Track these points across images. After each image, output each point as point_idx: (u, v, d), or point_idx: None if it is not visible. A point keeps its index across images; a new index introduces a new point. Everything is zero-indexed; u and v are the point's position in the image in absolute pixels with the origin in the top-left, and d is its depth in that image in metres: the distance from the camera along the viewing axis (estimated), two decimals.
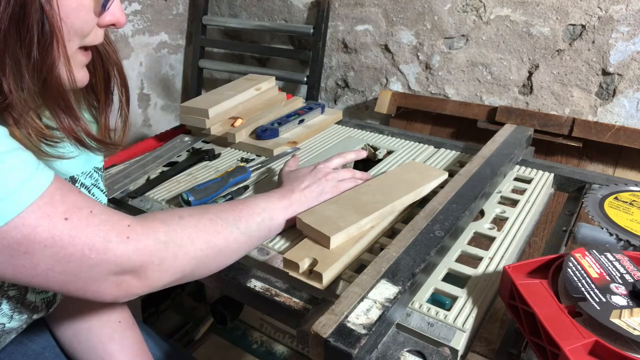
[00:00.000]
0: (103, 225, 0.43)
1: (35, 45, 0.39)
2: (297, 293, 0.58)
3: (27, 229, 0.38)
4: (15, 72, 0.39)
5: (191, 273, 0.51)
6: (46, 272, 0.41)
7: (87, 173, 0.57)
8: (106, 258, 0.42)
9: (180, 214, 0.51)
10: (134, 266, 0.45)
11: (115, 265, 0.43)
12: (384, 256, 0.56)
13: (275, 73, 1.48)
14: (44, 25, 0.39)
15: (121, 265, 0.44)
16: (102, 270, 0.43)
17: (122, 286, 0.45)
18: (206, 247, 0.51)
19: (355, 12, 1.43)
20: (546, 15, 1.15)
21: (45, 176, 0.41)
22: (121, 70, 0.55)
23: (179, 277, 0.50)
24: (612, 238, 0.63)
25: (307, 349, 0.47)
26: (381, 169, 0.87)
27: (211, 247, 0.52)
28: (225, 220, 0.54)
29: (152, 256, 0.46)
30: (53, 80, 0.42)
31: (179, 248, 0.48)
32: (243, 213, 0.57)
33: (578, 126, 1.12)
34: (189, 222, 0.51)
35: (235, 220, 0.55)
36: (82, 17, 0.42)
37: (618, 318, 0.44)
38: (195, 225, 0.51)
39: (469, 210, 0.66)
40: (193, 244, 0.50)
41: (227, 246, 0.54)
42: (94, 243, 0.42)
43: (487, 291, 0.57)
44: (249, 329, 1.29)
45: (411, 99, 1.37)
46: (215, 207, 0.56)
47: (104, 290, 0.45)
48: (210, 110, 0.98)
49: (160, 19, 1.69)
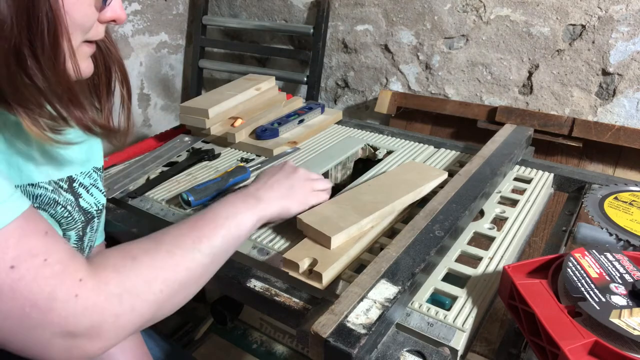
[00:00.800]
0: (53, 279, 0.38)
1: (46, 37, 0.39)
2: (297, 293, 0.58)
3: None
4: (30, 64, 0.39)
5: (153, 317, 0.46)
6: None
7: (86, 173, 0.57)
8: (50, 319, 0.37)
9: (133, 254, 0.45)
10: (84, 328, 0.39)
11: (61, 327, 0.38)
12: (383, 256, 0.56)
13: (275, 73, 1.48)
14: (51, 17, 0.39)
15: (68, 328, 0.38)
16: (46, 333, 0.38)
17: (74, 351, 0.40)
18: (166, 287, 0.45)
19: (355, 12, 1.43)
20: (546, 15, 1.15)
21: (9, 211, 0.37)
22: (122, 67, 0.55)
23: (140, 326, 0.45)
24: (612, 238, 0.63)
25: (307, 349, 0.47)
26: (381, 169, 0.87)
27: (172, 285, 0.46)
28: (184, 248, 0.48)
29: (105, 314, 0.40)
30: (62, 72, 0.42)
31: (134, 298, 0.42)
32: (204, 231, 0.51)
33: (578, 126, 1.12)
34: (143, 261, 0.45)
35: (195, 243, 0.49)
36: (83, 11, 0.43)
37: (618, 318, 0.44)
38: (151, 264, 0.45)
39: (468, 210, 0.66)
40: (150, 287, 0.44)
41: (189, 276, 0.48)
42: (36, 300, 0.37)
43: (487, 291, 0.57)
44: (249, 329, 1.29)
45: (411, 99, 1.37)
46: (171, 232, 0.50)
47: (52, 353, 0.39)
48: (210, 110, 0.98)
49: (160, 19, 1.69)
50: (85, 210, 0.55)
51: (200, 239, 0.50)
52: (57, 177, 0.52)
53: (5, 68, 0.38)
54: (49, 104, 0.42)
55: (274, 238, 0.67)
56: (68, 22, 0.41)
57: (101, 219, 0.61)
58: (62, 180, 0.53)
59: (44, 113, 0.42)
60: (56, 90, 0.42)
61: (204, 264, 0.49)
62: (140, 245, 0.47)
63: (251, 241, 0.67)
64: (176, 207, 0.76)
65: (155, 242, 0.48)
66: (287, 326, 1.17)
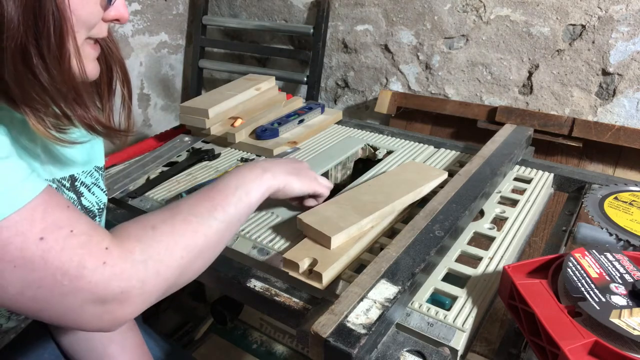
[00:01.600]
0: (80, 248, 0.40)
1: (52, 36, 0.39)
2: (297, 293, 0.58)
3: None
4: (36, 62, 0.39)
5: (176, 283, 0.48)
6: (17, 296, 0.38)
7: (88, 172, 0.57)
8: (81, 286, 0.40)
9: (152, 224, 0.47)
10: (114, 293, 0.41)
11: (92, 293, 0.40)
12: (383, 256, 0.56)
13: (275, 73, 1.48)
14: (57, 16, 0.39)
15: (99, 294, 0.41)
16: (78, 299, 0.40)
17: (105, 316, 0.42)
18: (187, 253, 0.48)
19: (355, 12, 1.43)
20: (546, 15, 1.15)
21: (32, 187, 0.39)
22: (123, 66, 0.55)
23: (165, 291, 0.47)
24: (612, 238, 0.63)
25: (307, 349, 0.47)
26: (381, 169, 0.87)
27: (192, 250, 0.49)
28: (200, 216, 0.50)
29: (132, 280, 0.43)
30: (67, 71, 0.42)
31: (159, 263, 0.45)
32: (216, 200, 0.53)
33: (578, 126, 1.12)
34: (163, 230, 0.47)
35: (211, 211, 0.52)
36: (89, 9, 0.43)
37: (618, 318, 0.44)
38: (171, 232, 0.48)
39: (468, 210, 0.66)
40: (172, 253, 0.47)
41: (208, 242, 0.50)
42: (67, 268, 0.39)
43: (487, 291, 0.57)
44: (249, 329, 1.28)
45: (411, 99, 1.37)
46: (186, 202, 0.52)
47: (85, 320, 0.42)
48: (210, 110, 0.98)
49: (160, 19, 1.69)
50: (87, 209, 0.55)
51: (214, 207, 0.52)
52: (60, 176, 0.52)
53: (12, 67, 0.38)
54: (53, 102, 0.42)
55: (274, 238, 0.67)
56: (74, 20, 0.41)
57: (102, 218, 0.61)
58: (64, 178, 0.53)
59: (49, 112, 0.43)
60: (61, 89, 0.42)
61: (220, 230, 0.52)
62: (157, 216, 0.49)
63: (251, 241, 0.67)
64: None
65: (172, 212, 0.50)
66: (287, 326, 1.17)
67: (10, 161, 0.39)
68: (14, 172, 0.39)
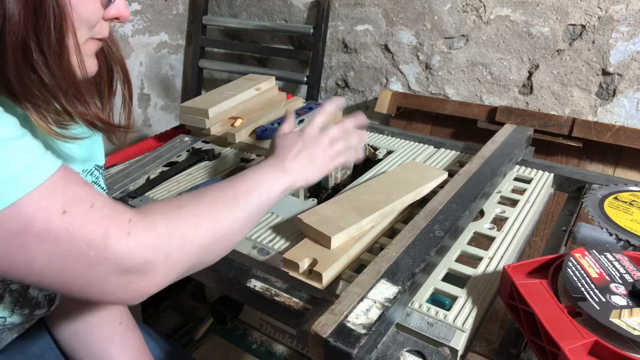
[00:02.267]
0: (103, 220, 0.40)
1: (53, 32, 0.39)
2: (297, 293, 0.58)
3: (23, 220, 0.37)
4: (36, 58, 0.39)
5: (199, 262, 0.49)
6: (43, 269, 0.39)
7: (88, 171, 0.57)
8: (106, 256, 0.40)
9: (179, 203, 0.49)
10: (139, 264, 0.42)
11: (117, 264, 0.41)
12: (383, 256, 0.56)
13: (275, 73, 1.48)
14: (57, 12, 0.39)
15: (123, 264, 0.41)
16: (104, 270, 0.41)
17: (130, 287, 0.43)
18: (210, 232, 0.49)
19: (355, 12, 1.43)
20: (546, 15, 1.15)
21: (49, 164, 0.40)
22: (124, 66, 0.56)
23: (187, 269, 0.48)
24: (612, 238, 0.63)
25: (307, 349, 0.47)
26: (381, 169, 0.87)
27: (215, 232, 0.50)
28: (224, 201, 0.52)
29: (157, 251, 0.43)
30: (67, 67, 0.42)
31: (183, 238, 0.46)
32: (240, 191, 0.55)
33: (578, 126, 1.12)
34: (189, 209, 0.48)
35: (234, 199, 0.53)
36: (89, 7, 0.43)
37: (618, 318, 0.44)
38: (196, 212, 0.49)
39: (468, 210, 0.66)
40: (197, 231, 0.48)
41: (230, 228, 0.52)
42: (92, 240, 0.39)
43: (487, 291, 0.57)
44: (249, 329, 1.29)
45: (411, 99, 1.37)
46: (211, 189, 0.54)
47: (109, 291, 0.42)
48: (210, 110, 0.98)
49: (160, 19, 1.69)
50: None
51: (238, 197, 0.54)
52: None
53: (13, 62, 0.38)
54: (54, 98, 0.42)
55: (274, 238, 0.67)
56: (74, 17, 0.41)
57: None
58: None
59: (51, 108, 0.43)
60: (61, 85, 0.42)
61: (241, 219, 0.53)
62: (184, 197, 0.50)
63: (251, 241, 0.67)
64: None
65: (198, 195, 0.51)
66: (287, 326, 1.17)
67: (27, 139, 0.39)
68: (32, 149, 0.39)
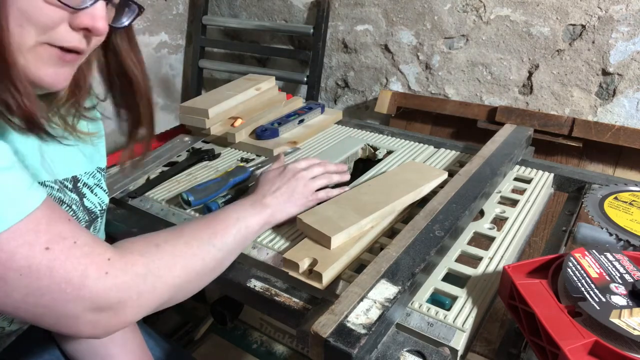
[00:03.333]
0: (84, 258, 0.41)
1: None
2: (297, 293, 0.58)
3: (4, 255, 0.37)
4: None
5: (169, 300, 0.50)
6: (19, 302, 0.39)
7: (90, 173, 0.57)
8: (82, 294, 0.41)
9: (156, 242, 0.49)
10: (112, 303, 0.43)
11: (92, 302, 0.41)
12: (383, 256, 0.56)
13: (275, 73, 1.48)
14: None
15: (98, 303, 0.42)
16: (78, 307, 0.41)
17: (100, 324, 0.43)
18: (184, 273, 0.50)
19: (355, 12, 1.43)
20: (546, 15, 1.15)
21: (34, 198, 0.39)
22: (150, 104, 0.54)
23: (157, 307, 0.48)
24: (612, 238, 0.63)
25: (307, 349, 0.47)
26: (381, 169, 0.87)
27: (189, 272, 0.51)
28: (200, 240, 0.53)
29: (130, 291, 0.44)
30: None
31: (157, 279, 0.47)
32: (217, 228, 0.55)
33: (578, 126, 1.12)
34: (165, 249, 0.49)
35: (211, 238, 0.54)
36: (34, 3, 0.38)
37: (618, 318, 0.44)
38: (172, 252, 0.49)
39: (468, 210, 0.66)
40: (171, 272, 0.48)
41: (204, 267, 0.52)
42: (71, 277, 0.40)
43: (487, 291, 0.57)
44: (249, 329, 1.29)
45: (411, 99, 1.37)
46: (189, 226, 0.54)
47: (80, 327, 0.43)
48: (210, 110, 0.98)
49: (160, 19, 1.69)
50: (90, 210, 0.55)
51: (215, 235, 0.54)
52: (62, 177, 0.52)
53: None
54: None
55: (274, 238, 0.67)
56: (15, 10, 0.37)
57: (103, 219, 0.61)
58: (67, 179, 0.53)
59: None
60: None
61: (217, 258, 0.54)
62: (161, 235, 0.51)
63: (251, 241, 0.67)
64: (176, 207, 0.76)
65: (175, 234, 0.52)
66: (287, 326, 1.17)
67: (14, 171, 0.39)
68: (17, 181, 0.39)
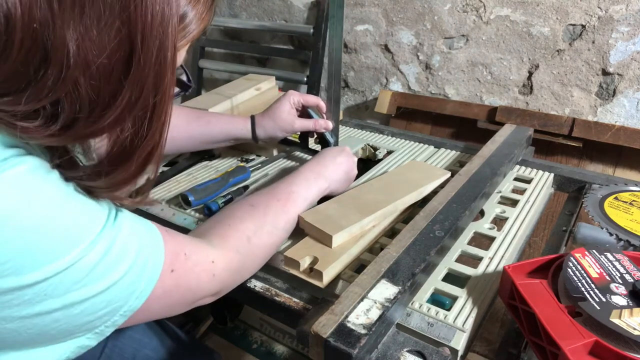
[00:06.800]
0: (196, 267, 0.46)
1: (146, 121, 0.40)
2: (297, 293, 0.58)
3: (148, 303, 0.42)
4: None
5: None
6: (153, 316, 0.44)
7: None
8: (199, 296, 0.48)
9: (247, 234, 0.55)
10: (213, 293, 0.51)
11: (202, 297, 0.49)
12: (384, 256, 0.56)
13: (275, 73, 1.48)
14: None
15: (205, 297, 0.50)
16: (195, 303, 0.49)
17: (197, 304, 0.50)
18: (261, 262, 0.58)
19: (355, 12, 1.43)
20: (546, 15, 1.15)
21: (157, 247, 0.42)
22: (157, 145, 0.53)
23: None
24: (612, 238, 0.63)
25: (307, 349, 0.47)
26: (381, 169, 0.87)
27: (267, 258, 0.59)
28: (278, 228, 0.59)
29: (228, 284, 0.52)
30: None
31: (246, 272, 0.56)
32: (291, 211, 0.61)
33: (578, 126, 1.12)
34: (257, 244, 0.55)
35: (286, 224, 0.60)
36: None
37: (618, 318, 0.44)
38: (258, 243, 0.56)
39: (469, 210, 0.66)
40: (256, 263, 0.57)
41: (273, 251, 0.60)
42: (190, 287, 0.46)
43: (487, 291, 0.57)
44: (249, 329, 1.29)
45: (411, 99, 1.37)
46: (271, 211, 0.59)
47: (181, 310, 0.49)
48: (210, 110, 0.98)
49: None
50: None
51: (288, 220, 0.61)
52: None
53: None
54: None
55: None
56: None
57: None
58: None
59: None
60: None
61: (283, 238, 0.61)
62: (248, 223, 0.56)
63: None
64: (176, 207, 0.76)
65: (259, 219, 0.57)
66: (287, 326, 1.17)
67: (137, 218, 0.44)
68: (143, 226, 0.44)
